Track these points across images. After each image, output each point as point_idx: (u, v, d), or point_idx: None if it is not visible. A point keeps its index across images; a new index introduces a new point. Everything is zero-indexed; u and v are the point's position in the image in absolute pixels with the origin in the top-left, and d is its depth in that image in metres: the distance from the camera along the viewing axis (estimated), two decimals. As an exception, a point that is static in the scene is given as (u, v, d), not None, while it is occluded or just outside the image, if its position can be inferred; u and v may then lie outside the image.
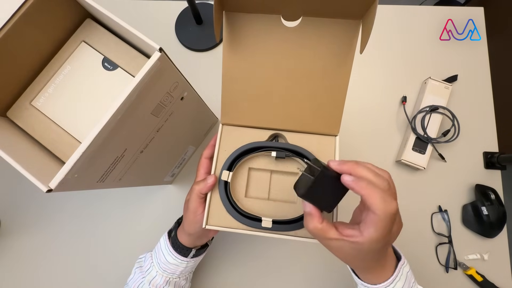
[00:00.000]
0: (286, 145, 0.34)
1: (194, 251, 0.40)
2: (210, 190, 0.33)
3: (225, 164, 0.33)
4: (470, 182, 0.55)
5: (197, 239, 0.39)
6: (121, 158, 0.31)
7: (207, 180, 0.33)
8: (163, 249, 0.39)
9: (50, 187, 0.23)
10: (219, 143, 0.35)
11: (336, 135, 0.35)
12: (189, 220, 0.35)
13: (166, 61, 0.27)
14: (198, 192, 0.33)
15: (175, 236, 0.39)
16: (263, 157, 0.35)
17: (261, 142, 0.34)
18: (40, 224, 0.54)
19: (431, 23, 0.62)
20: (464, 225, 0.54)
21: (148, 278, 0.39)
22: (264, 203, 0.34)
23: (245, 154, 0.34)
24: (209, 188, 0.33)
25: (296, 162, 0.35)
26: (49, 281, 0.53)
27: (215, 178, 0.33)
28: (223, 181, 0.33)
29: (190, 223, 0.35)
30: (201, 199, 0.34)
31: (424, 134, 0.54)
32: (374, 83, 0.60)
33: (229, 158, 0.34)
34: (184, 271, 0.40)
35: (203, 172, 0.36)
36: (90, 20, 0.31)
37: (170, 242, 0.39)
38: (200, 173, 0.36)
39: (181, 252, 0.39)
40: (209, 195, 0.33)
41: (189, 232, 0.37)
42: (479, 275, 0.50)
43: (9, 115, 0.30)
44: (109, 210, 0.55)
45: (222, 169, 0.33)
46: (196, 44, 0.60)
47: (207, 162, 0.37)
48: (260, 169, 0.35)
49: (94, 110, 0.30)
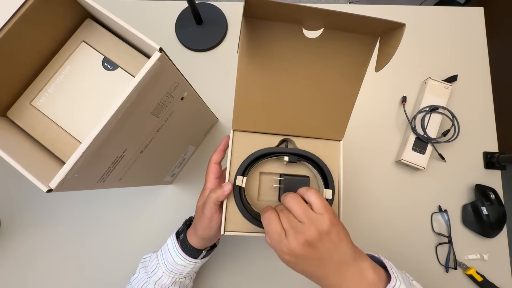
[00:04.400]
0: (298, 151, 0.35)
1: (204, 253, 0.40)
2: (227, 197, 0.33)
3: (239, 170, 0.34)
4: (470, 182, 0.55)
5: (209, 242, 0.39)
6: (121, 158, 0.31)
7: (224, 188, 0.33)
8: (171, 250, 0.40)
9: (50, 187, 0.23)
10: (231, 149, 0.35)
11: (340, 140, 0.37)
12: (203, 225, 0.36)
13: (166, 61, 0.27)
14: (215, 200, 0.33)
15: (185, 238, 0.40)
16: (273, 161, 0.36)
17: (274, 148, 0.35)
18: (40, 224, 0.54)
19: (431, 23, 0.62)
20: (464, 225, 0.54)
21: (154, 279, 0.40)
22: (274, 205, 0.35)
23: (258, 159, 0.35)
24: (226, 195, 0.33)
25: (304, 166, 0.37)
26: (49, 281, 0.53)
27: (231, 186, 0.33)
28: (237, 187, 0.34)
29: (205, 228, 0.36)
30: (217, 206, 0.34)
31: (424, 134, 0.54)
32: (374, 83, 0.60)
33: (243, 164, 0.34)
34: (191, 271, 0.41)
35: (213, 177, 0.37)
36: (90, 20, 0.31)
37: (179, 244, 0.39)
38: (210, 178, 0.37)
39: (192, 254, 0.39)
40: (225, 202, 0.34)
41: (203, 237, 0.37)
42: (479, 275, 0.50)
43: (9, 115, 0.30)
44: (109, 210, 0.55)
45: (236, 175, 0.34)
46: (196, 44, 0.60)
47: (217, 167, 0.38)
48: (271, 173, 0.36)
49: (94, 110, 0.30)
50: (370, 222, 0.54)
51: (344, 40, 0.28)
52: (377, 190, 0.56)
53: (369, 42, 0.28)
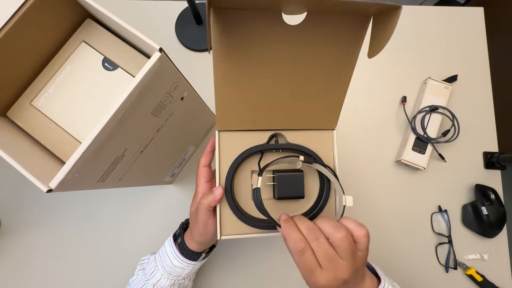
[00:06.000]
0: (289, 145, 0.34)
1: (204, 255, 0.40)
2: (218, 203, 0.32)
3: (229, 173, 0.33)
4: (470, 182, 0.55)
5: (207, 245, 0.39)
6: (121, 158, 0.31)
7: (215, 193, 0.32)
8: (169, 253, 0.39)
9: (50, 187, 0.23)
10: (219, 152, 0.33)
11: (333, 129, 0.35)
12: (199, 232, 0.35)
13: (166, 61, 0.27)
14: (207, 206, 0.32)
15: (183, 242, 0.39)
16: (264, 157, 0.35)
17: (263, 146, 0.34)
18: (40, 224, 0.54)
19: (431, 23, 0.62)
20: (464, 225, 0.54)
21: (152, 282, 0.39)
22: (272, 202, 0.35)
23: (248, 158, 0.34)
24: (217, 201, 0.32)
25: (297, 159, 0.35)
26: (49, 281, 0.52)
27: (222, 190, 0.32)
28: (229, 190, 0.33)
29: (201, 234, 0.35)
30: (210, 212, 0.33)
31: (424, 134, 0.54)
32: (374, 83, 0.60)
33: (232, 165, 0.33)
34: (189, 272, 0.40)
35: (203, 181, 0.36)
36: (90, 20, 0.31)
37: (177, 248, 0.39)
38: (201, 182, 0.36)
39: (190, 257, 0.39)
40: (218, 207, 0.33)
41: (200, 241, 0.37)
42: (479, 275, 0.50)
43: (9, 115, 0.30)
44: (109, 210, 0.55)
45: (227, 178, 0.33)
46: (196, 44, 0.60)
47: (206, 170, 0.36)
48: None
49: (94, 110, 0.30)
50: (370, 222, 0.54)
51: (331, 23, 0.25)
52: (377, 190, 0.56)
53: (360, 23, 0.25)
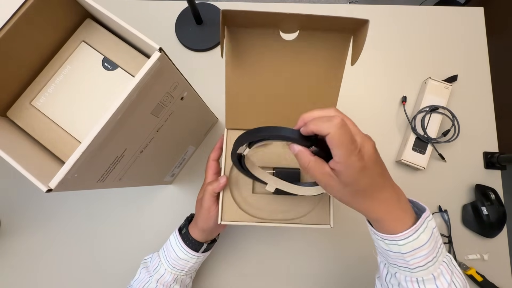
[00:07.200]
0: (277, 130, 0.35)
1: (205, 245, 0.42)
2: (222, 189, 0.37)
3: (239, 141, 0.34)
4: (470, 182, 0.55)
5: (209, 234, 0.42)
6: (121, 158, 0.31)
7: (220, 180, 0.36)
8: (173, 245, 0.41)
9: (50, 187, 0.23)
10: (226, 147, 0.38)
11: None
12: (203, 217, 0.38)
13: (166, 61, 0.27)
14: (212, 191, 0.36)
15: (187, 232, 0.41)
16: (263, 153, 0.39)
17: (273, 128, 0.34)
18: (40, 224, 0.54)
19: (431, 23, 0.62)
20: (464, 225, 0.54)
21: (156, 277, 0.40)
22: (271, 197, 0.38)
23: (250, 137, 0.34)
24: (221, 187, 0.36)
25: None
26: (49, 281, 0.53)
27: (226, 178, 0.37)
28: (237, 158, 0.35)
29: (204, 220, 0.38)
30: (214, 197, 0.37)
31: (424, 134, 0.54)
32: (374, 83, 0.60)
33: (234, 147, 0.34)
34: (192, 267, 0.42)
35: (211, 173, 0.40)
36: (90, 20, 0.31)
37: (181, 238, 0.41)
38: (209, 174, 0.40)
39: (193, 246, 0.41)
40: (221, 194, 0.37)
41: (203, 228, 0.40)
42: (479, 275, 0.50)
43: (9, 115, 0.30)
44: (109, 210, 0.55)
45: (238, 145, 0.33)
46: (196, 44, 0.60)
47: (215, 164, 0.40)
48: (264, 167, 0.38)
49: (94, 110, 0.30)
50: (370, 222, 0.54)
51: (320, 39, 0.30)
52: (377, 190, 0.55)
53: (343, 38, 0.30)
